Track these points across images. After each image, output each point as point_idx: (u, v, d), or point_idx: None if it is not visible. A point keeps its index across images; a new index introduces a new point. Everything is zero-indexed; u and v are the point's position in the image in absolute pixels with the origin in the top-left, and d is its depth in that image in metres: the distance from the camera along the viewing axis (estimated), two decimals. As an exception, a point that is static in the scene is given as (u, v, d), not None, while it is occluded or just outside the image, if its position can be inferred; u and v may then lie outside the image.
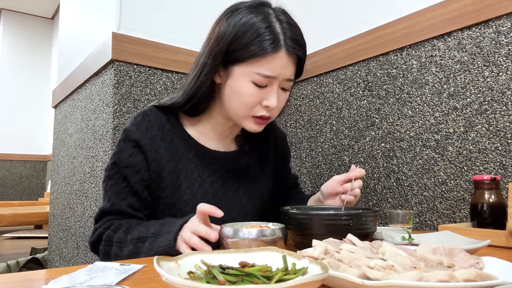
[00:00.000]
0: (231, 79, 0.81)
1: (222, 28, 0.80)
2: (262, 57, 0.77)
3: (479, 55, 1.02)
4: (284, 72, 0.80)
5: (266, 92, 0.80)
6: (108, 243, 0.79)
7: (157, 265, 0.42)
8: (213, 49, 0.80)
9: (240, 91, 0.80)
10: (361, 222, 0.69)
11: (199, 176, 0.87)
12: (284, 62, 0.79)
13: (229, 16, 0.80)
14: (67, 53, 1.89)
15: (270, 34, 0.76)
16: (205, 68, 0.82)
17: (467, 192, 1.02)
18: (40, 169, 5.33)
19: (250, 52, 0.77)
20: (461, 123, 1.05)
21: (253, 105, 0.81)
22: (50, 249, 1.95)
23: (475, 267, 0.46)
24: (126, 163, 0.83)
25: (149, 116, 0.87)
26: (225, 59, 0.80)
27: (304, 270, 0.43)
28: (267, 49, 0.76)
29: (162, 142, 0.86)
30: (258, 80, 0.78)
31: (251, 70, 0.78)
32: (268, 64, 0.77)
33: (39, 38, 5.54)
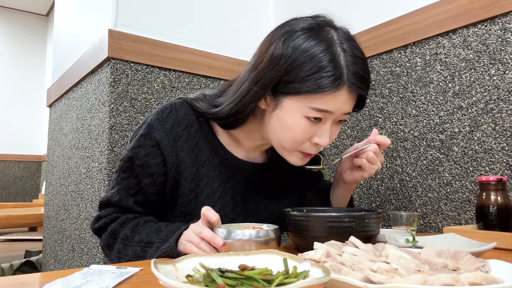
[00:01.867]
0: (280, 111, 0.74)
1: (277, 53, 0.71)
2: (321, 94, 0.69)
3: (485, 53, 1.02)
4: (342, 108, 0.72)
5: (318, 128, 0.74)
6: (113, 236, 0.79)
7: (155, 268, 0.42)
8: (263, 75, 0.72)
9: (290, 126, 0.73)
10: (364, 224, 0.69)
11: (220, 186, 0.83)
12: (344, 99, 0.71)
13: (287, 38, 0.71)
14: (62, 51, 1.89)
15: (334, 69, 0.68)
16: (249, 94, 0.75)
17: (472, 194, 1.02)
18: (35, 170, 5.33)
19: (308, 87, 0.69)
20: (466, 123, 1.05)
21: (302, 142, 0.75)
22: (45, 252, 1.95)
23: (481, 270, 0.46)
24: (142, 161, 0.80)
25: (177, 111, 0.82)
26: (275, 87, 0.73)
27: (305, 274, 0.43)
28: (328, 87, 0.68)
29: (186, 144, 0.81)
30: (313, 114, 0.71)
31: (305, 104, 0.71)
32: (327, 101, 0.70)
33: (33, 36, 5.54)
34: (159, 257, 0.71)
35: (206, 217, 0.68)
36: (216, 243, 0.65)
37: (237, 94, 0.77)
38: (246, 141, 0.86)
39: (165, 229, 0.76)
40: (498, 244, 0.74)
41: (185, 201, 0.82)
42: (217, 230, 0.68)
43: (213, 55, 1.52)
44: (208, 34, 1.53)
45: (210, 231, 0.68)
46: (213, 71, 1.51)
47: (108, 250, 0.81)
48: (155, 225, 0.79)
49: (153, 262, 0.43)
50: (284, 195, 0.93)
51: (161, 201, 0.85)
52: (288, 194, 0.94)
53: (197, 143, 0.82)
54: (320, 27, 0.72)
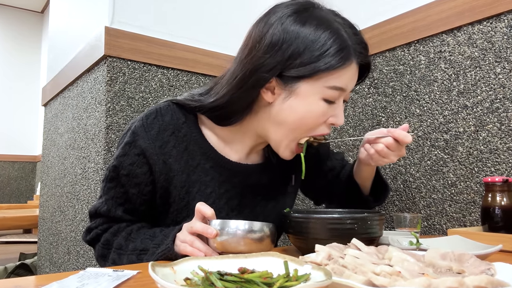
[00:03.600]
0: (296, 99, 0.72)
1: (278, 36, 0.70)
2: (335, 70, 0.70)
3: (490, 51, 1.02)
4: (352, 83, 0.76)
5: (333, 109, 0.74)
6: (106, 246, 0.79)
7: (152, 271, 0.42)
8: (265, 60, 0.71)
9: (312, 111, 0.73)
10: (367, 226, 0.69)
11: (213, 192, 0.81)
12: (353, 74, 0.75)
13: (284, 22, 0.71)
14: (58, 49, 1.89)
15: (342, 44, 0.71)
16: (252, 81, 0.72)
17: (478, 195, 1.02)
18: (29, 171, 5.33)
19: (323, 66, 0.69)
20: (471, 122, 1.05)
21: (321, 124, 0.75)
22: (40, 255, 1.95)
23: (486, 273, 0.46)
24: (127, 171, 0.78)
25: (163, 116, 0.80)
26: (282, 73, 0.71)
27: (306, 277, 0.43)
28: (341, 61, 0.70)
29: (174, 149, 0.79)
30: (330, 95, 0.72)
31: (322, 84, 0.71)
32: (341, 76, 0.72)
33: (28, 33, 5.54)
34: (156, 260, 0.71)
35: (201, 212, 0.69)
36: (209, 233, 0.66)
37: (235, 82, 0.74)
38: (240, 144, 0.84)
39: (160, 234, 0.76)
40: (504, 247, 0.74)
41: (176, 209, 0.80)
42: (211, 223, 0.69)
43: (212, 53, 1.52)
44: (207, 32, 1.53)
45: (201, 223, 0.68)
46: (212, 69, 1.51)
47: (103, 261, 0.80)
48: (149, 231, 0.78)
49: (151, 265, 0.43)
50: (282, 195, 0.91)
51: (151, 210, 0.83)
52: (286, 195, 0.92)
53: (186, 148, 0.80)
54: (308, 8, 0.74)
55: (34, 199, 4.60)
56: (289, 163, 0.86)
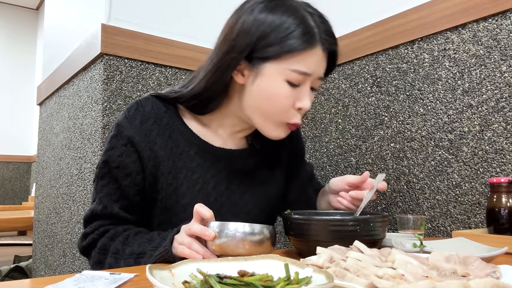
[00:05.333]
0: (261, 79, 0.78)
1: (248, 22, 0.77)
2: (299, 52, 0.75)
3: (496, 48, 1.02)
4: (318, 69, 0.80)
5: (298, 93, 0.79)
6: (103, 251, 0.79)
7: (150, 274, 0.42)
8: (236, 43, 0.77)
9: (274, 92, 0.78)
10: (369, 228, 0.69)
11: (200, 177, 0.84)
12: (319, 58, 0.79)
13: (255, 9, 0.78)
14: (53, 47, 1.89)
15: (306, 28, 0.76)
16: (225, 63, 0.78)
17: (483, 196, 1.02)
18: (24, 171, 5.33)
19: (286, 47, 0.75)
20: (476, 122, 1.05)
21: (288, 108, 0.79)
22: (35, 257, 1.95)
23: (491, 276, 0.46)
24: (117, 163, 0.81)
25: (144, 107, 0.84)
26: (251, 55, 0.77)
27: (307, 280, 0.44)
28: (304, 44, 0.75)
29: (158, 137, 0.83)
30: (293, 78, 0.77)
31: (286, 67, 0.76)
32: (305, 60, 0.77)
33: (22, 31, 5.54)
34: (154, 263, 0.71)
35: (199, 214, 0.69)
36: (207, 235, 0.66)
37: (210, 67, 0.81)
38: (221, 130, 0.89)
39: (157, 237, 0.76)
40: (509, 249, 0.74)
41: (164, 196, 0.83)
42: (210, 225, 0.69)
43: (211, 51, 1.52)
44: (205, 29, 1.53)
45: (199, 225, 0.68)
46: (211, 67, 1.51)
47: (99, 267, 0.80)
48: (147, 235, 0.79)
49: (149, 268, 0.43)
50: (270, 181, 0.95)
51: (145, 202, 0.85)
52: (274, 181, 0.96)
53: (170, 136, 0.84)
54: None
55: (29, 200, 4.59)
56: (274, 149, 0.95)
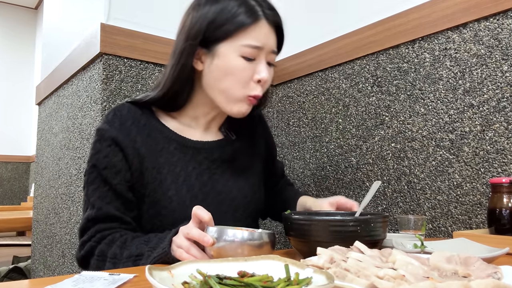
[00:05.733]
0: (218, 59, 0.85)
1: (196, 15, 0.86)
2: (245, 29, 0.83)
3: (497, 48, 1.02)
4: (268, 42, 0.86)
5: (255, 66, 0.86)
6: (102, 258, 0.79)
7: (149, 275, 0.42)
8: (189, 32, 0.86)
9: (231, 68, 0.84)
10: (370, 228, 0.69)
11: (183, 170, 0.89)
12: (267, 31, 0.86)
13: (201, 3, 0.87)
14: (52, 46, 1.89)
15: (249, 6, 0.85)
16: (184, 52, 0.86)
17: (484, 196, 1.02)
18: (23, 171, 5.33)
19: (232, 26, 0.83)
20: (477, 122, 1.05)
21: (247, 81, 0.85)
22: (34, 258, 1.95)
23: (492, 277, 0.46)
24: (104, 164, 0.84)
25: (120, 111, 0.89)
26: (205, 40, 0.85)
27: (308, 281, 0.44)
28: (248, 21, 0.83)
29: (138, 136, 0.87)
30: (247, 52, 0.84)
31: (237, 43, 0.84)
32: (253, 34, 0.84)
33: (21, 30, 5.54)
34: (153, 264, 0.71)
35: (198, 217, 0.70)
36: (206, 241, 0.66)
37: (173, 60, 0.87)
38: (196, 123, 0.95)
39: (154, 239, 0.77)
40: (511, 250, 0.74)
41: (151, 190, 0.86)
42: (208, 230, 0.69)
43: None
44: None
45: (198, 230, 0.69)
46: (211, 67, 1.51)
47: None
48: (144, 237, 0.80)
49: (148, 268, 0.43)
50: (250, 168, 1.00)
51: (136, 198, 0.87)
52: (254, 167, 1.01)
53: (148, 135, 0.88)
54: None
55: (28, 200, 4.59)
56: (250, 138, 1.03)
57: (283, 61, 1.65)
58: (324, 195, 1.46)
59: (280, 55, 1.77)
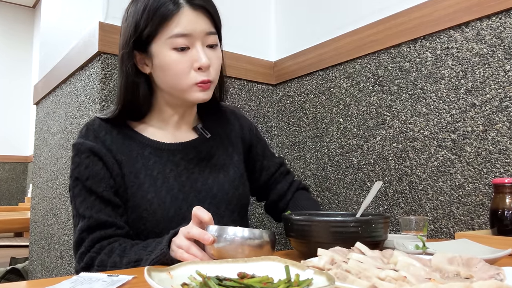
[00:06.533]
0: (155, 58, 0.86)
1: (123, 24, 0.90)
2: (168, 20, 0.84)
3: (499, 47, 1.02)
4: (198, 27, 0.85)
5: (191, 55, 0.86)
6: (102, 268, 0.79)
7: (148, 276, 0.42)
8: (123, 41, 0.89)
9: (167, 63, 0.85)
10: (371, 229, 0.69)
11: (160, 173, 0.90)
12: (192, 18, 0.85)
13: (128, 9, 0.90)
14: (50, 45, 1.89)
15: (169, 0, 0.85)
16: (123, 60, 0.88)
17: (486, 197, 1.02)
18: (20, 172, 5.33)
19: (155, 22, 0.84)
20: (480, 121, 1.05)
21: (187, 71, 0.86)
22: (31, 259, 1.95)
23: (495, 278, 0.46)
24: (87, 175, 0.86)
25: (93, 125, 0.92)
26: (139, 44, 0.87)
27: (308, 282, 0.44)
28: (168, 11, 0.83)
29: (113, 145, 0.89)
30: (176, 43, 0.84)
31: (165, 37, 0.84)
32: (178, 24, 0.84)
33: (19, 29, 5.53)
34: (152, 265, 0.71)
35: (198, 217, 0.71)
36: (206, 239, 0.67)
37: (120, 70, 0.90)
38: (167, 126, 0.96)
39: (153, 243, 0.78)
40: (513, 251, 0.74)
41: (131, 194, 0.88)
42: (209, 229, 0.69)
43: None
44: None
45: (198, 228, 0.70)
46: (211, 66, 1.51)
47: None
48: (143, 243, 0.81)
49: (147, 270, 0.43)
50: (228, 164, 1.00)
51: None
52: (232, 163, 1.01)
53: (123, 143, 0.91)
54: None
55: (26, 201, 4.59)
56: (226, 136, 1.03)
57: (283, 60, 1.65)
58: (325, 196, 1.46)
59: (281, 54, 1.78)
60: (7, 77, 5.37)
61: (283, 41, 1.71)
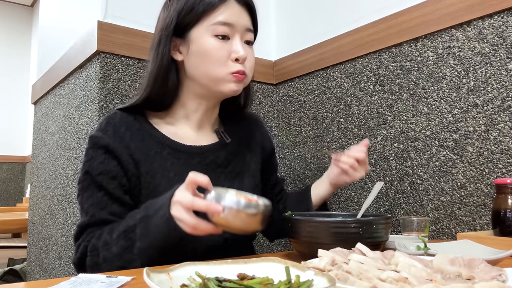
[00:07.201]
0: (193, 44, 0.87)
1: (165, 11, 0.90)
2: (214, 8, 0.85)
3: (501, 46, 1.02)
4: (240, 20, 0.87)
5: (231, 45, 0.87)
6: (95, 252, 0.79)
7: (147, 277, 0.42)
8: (162, 25, 0.89)
9: (206, 49, 0.86)
10: (372, 230, 0.69)
11: (176, 175, 0.89)
12: (237, 11, 0.87)
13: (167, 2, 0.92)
14: (48, 44, 1.89)
15: None
16: (160, 43, 0.88)
17: (488, 197, 1.02)
18: (18, 172, 5.33)
19: (201, 8, 0.85)
20: (482, 121, 1.05)
21: (224, 60, 0.86)
22: (30, 260, 1.95)
23: (497, 279, 0.46)
24: (99, 170, 0.85)
25: (113, 119, 0.90)
26: (178, 29, 0.87)
27: (309, 283, 0.44)
28: (215, 1, 0.85)
29: (132, 142, 0.88)
30: (218, 30, 0.85)
31: (208, 24, 0.86)
32: (222, 13, 0.86)
33: (17, 28, 5.54)
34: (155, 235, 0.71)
35: (195, 182, 0.69)
36: (216, 210, 0.66)
37: (152, 54, 0.90)
38: (189, 123, 0.95)
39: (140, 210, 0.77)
40: (515, 252, 0.74)
41: (145, 195, 0.86)
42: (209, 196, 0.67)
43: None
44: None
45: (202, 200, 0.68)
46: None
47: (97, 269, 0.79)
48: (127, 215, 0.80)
49: (146, 271, 0.43)
50: (244, 173, 0.99)
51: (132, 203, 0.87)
52: (248, 172, 1.00)
53: (142, 140, 0.89)
54: None
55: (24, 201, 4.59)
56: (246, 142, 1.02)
57: (283, 59, 1.65)
58: (325, 196, 1.46)
59: (281, 53, 1.78)
60: (4, 76, 5.37)
61: (283, 40, 1.71)
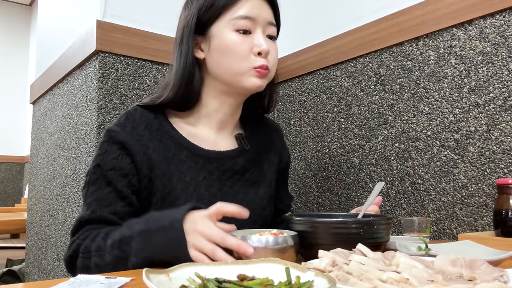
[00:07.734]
0: (214, 40, 0.87)
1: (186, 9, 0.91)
2: (234, 2, 0.85)
3: (503, 46, 1.02)
4: (262, 13, 0.87)
5: (252, 39, 0.86)
6: (87, 254, 0.76)
7: (147, 278, 0.42)
8: (184, 24, 0.89)
9: (227, 44, 0.85)
10: (373, 230, 0.69)
11: (193, 179, 0.87)
12: (258, 4, 0.87)
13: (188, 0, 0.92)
14: (47, 44, 1.89)
15: None
16: (183, 41, 0.88)
17: (490, 198, 1.02)
18: (17, 172, 5.33)
19: (221, 2, 0.85)
20: (483, 121, 1.05)
21: (246, 54, 0.86)
22: (28, 261, 1.95)
23: (499, 280, 0.46)
24: (111, 165, 0.83)
25: (133, 115, 0.89)
26: (199, 27, 0.88)
27: (309, 284, 0.44)
28: None
29: (150, 142, 0.86)
30: (239, 25, 0.85)
31: (229, 18, 0.85)
32: (243, 6, 0.85)
33: (15, 27, 5.54)
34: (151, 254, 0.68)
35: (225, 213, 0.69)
36: (248, 252, 0.63)
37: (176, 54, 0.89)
38: (210, 125, 0.93)
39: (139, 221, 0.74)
40: (517, 252, 0.74)
41: (160, 198, 0.85)
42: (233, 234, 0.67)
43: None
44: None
45: (235, 238, 0.66)
46: (210, 65, 1.51)
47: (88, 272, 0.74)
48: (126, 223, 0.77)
49: (145, 272, 0.43)
50: (260, 182, 0.98)
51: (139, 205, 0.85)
52: (265, 181, 0.99)
53: (160, 140, 0.88)
54: None
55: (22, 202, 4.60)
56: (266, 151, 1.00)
57: (283, 59, 1.65)
58: (326, 197, 1.46)
59: (281, 53, 1.78)
60: (3, 76, 5.37)
61: (283, 40, 1.70)
